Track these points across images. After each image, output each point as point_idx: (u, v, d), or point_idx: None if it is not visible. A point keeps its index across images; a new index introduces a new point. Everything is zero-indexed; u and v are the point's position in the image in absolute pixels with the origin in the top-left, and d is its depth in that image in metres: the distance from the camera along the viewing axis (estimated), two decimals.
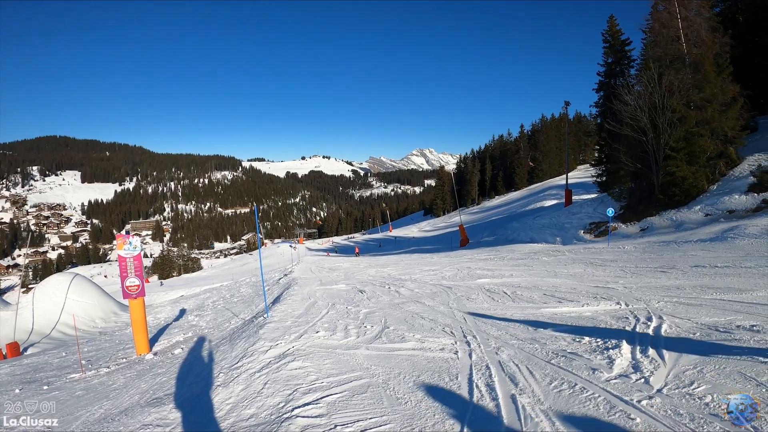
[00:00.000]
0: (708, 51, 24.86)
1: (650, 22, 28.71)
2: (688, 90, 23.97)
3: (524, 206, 61.00)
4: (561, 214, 35.52)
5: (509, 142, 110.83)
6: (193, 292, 25.72)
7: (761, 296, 8.02)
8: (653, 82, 24.20)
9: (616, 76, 35.44)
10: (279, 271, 30.37)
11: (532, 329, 7.46)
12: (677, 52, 25.96)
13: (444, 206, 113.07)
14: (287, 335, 8.20)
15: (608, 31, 37.22)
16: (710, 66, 24.03)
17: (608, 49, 37.18)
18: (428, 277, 16.91)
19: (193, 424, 5.20)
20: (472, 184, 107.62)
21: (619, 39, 36.86)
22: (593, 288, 10.80)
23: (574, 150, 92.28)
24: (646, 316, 7.36)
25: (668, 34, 26.36)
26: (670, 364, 5.22)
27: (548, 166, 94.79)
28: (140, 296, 10.59)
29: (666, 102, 23.68)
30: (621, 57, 36.68)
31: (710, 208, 21.78)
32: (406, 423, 4.30)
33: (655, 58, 26.04)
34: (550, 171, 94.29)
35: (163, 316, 16.88)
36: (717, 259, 13.03)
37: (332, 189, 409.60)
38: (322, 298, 13.16)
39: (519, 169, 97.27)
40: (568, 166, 48.00)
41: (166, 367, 8.40)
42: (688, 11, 26.35)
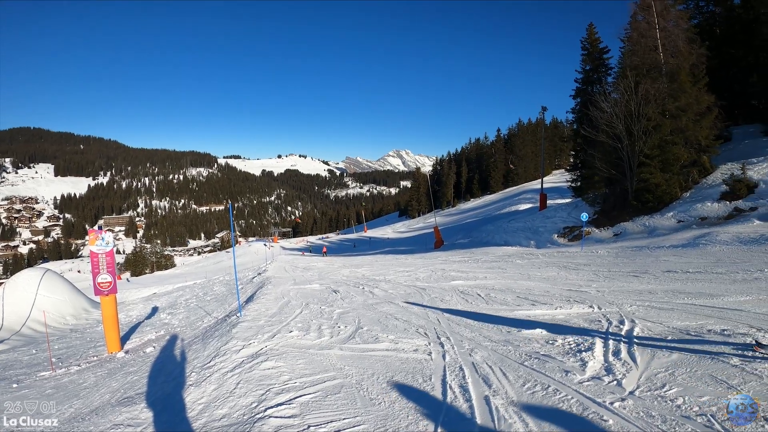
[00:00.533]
0: (684, 61, 25.27)
1: (629, 31, 29.13)
2: (664, 99, 24.35)
3: (499, 209, 61.41)
4: (535, 217, 35.80)
5: (486, 146, 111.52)
6: (165, 290, 25.37)
7: (732, 301, 8.16)
8: (630, 90, 24.52)
9: (594, 83, 35.86)
10: (253, 270, 30.20)
11: (505, 331, 7.50)
12: (654, 61, 26.34)
13: (419, 208, 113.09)
14: (260, 334, 8.14)
15: (587, 39, 37.64)
16: (686, 76, 24.43)
17: (586, 56, 37.61)
18: (402, 278, 16.95)
19: (164, 424, 5.12)
20: (447, 186, 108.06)
21: (598, 47, 37.29)
22: (566, 291, 10.91)
23: (549, 155, 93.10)
24: (619, 320, 7.45)
25: (646, 43, 26.75)
26: (642, 367, 5.28)
27: (524, 170, 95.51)
28: (112, 293, 10.42)
29: (642, 110, 24.01)
30: (599, 64, 37.12)
31: (683, 214, 22.12)
32: (379, 424, 4.28)
33: (633, 66, 26.40)
34: (526, 175, 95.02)
35: (135, 314, 16.64)
36: (689, 264, 13.23)
37: (308, 188, 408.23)
38: (295, 298, 13.09)
39: (495, 173, 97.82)
40: (543, 171, 48.48)
41: (137, 365, 8.28)
42: (667, 22, 26.77)
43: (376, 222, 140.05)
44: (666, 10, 26.88)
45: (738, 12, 31.27)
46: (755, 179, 21.40)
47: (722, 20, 32.89)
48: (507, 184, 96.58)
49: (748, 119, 31.90)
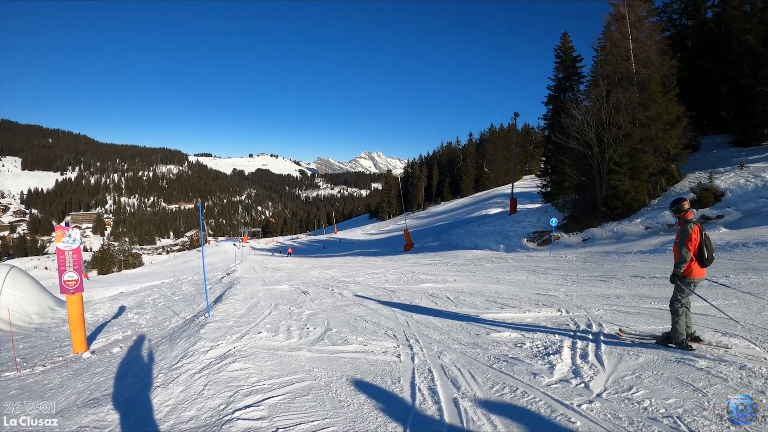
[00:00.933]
0: (656, 72, 25.74)
1: (602, 41, 29.53)
2: (635, 108, 24.74)
3: (470, 213, 61.63)
4: (505, 222, 36.06)
5: (457, 150, 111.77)
6: (133, 289, 25.01)
7: (697, 306, 8.31)
8: (601, 98, 24.88)
9: (566, 90, 36.31)
10: (222, 270, 29.91)
11: (474, 334, 7.55)
12: (626, 71, 26.77)
13: (390, 210, 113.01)
14: (229, 335, 8.05)
15: (561, 47, 38.07)
16: (657, 86, 24.88)
17: (560, 64, 38.04)
18: (372, 280, 16.96)
19: (131, 426, 5.03)
20: (418, 189, 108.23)
21: (571, 55, 37.76)
22: (535, 295, 11.02)
23: (520, 160, 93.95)
24: (587, 323, 7.56)
25: (619, 53, 27.17)
26: (609, 370, 5.37)
27: (495, 174, 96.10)
28: (78, 291, 10.21)
29: (612, 118, 24.37)
30: (572, 72, 37.58)
31: (651, 221, 22.47)
32: (348, 426, 4.27)
33: (605, 75, 26.80)
34: (497, 180, 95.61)
35: (101, 313, 16.35)
36: (656, 270, 13.44)
37: (279, 188, 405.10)
38: (264, 299, 13.01)
39: (466, 176, 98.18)
40: (514, 176, 48.74)
41: (103, 366, 8.12)
42: (640, 33, 27.23)
43: (346, 223, 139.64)
44: (639, 22, 27.35)
45: (710, 26, 32.04)
46: (722, 188, 21.86)
47: (694, 33, 33.68)
48: (478, 188, 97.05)
49: (716, 130, 32.66)
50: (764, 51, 25.15)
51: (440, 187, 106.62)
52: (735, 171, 23.03)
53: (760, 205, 19.83)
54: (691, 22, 34.29)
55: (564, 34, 38.34)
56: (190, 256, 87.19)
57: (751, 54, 25.98)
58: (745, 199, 20.71)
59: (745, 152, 26.53)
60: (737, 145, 28.85)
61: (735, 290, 8.65)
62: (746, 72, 26.13)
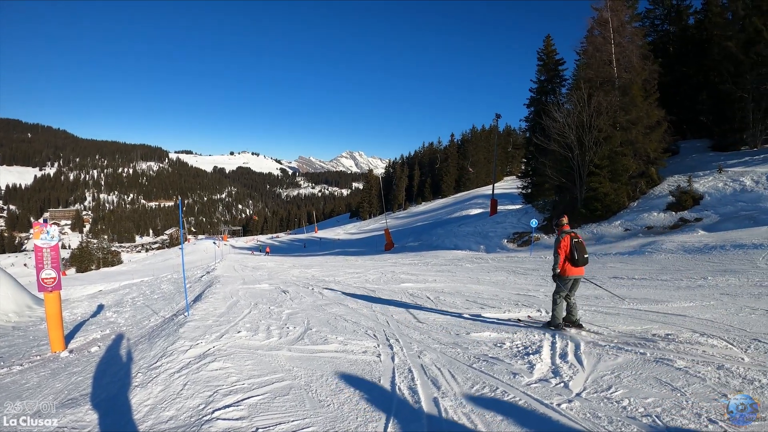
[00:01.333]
0: (637, 76, 26.03)
1: (585, 45, 29.82)
2: (616, 111, 25.01)
3: (450, 213, 61.83)
4: (486, 222, 36.25)
5: (439, 150, 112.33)
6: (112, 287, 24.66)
7: (676, 307, 8.43)
8: (583, 101, 25.09)
9: (548, 93, 36.56)
10: (201, 269, 29.69)
11: (454, 334, 7.58)
12: (608, 75, 27.02)
13: (371, 210, 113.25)
14: (208, 335, 7.98)
15: (544, 50, 38.37)
16: (638, 90, 25.16)
17: (542, 67, 38.32)
18: (352, 279, 16.96)
19: (110, 427, 4.95)
20: (399, 189, 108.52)
21: (554, 58, 38.07)
22: (515, 295, 11.11)
23: (501, 161, 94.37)
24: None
25: (601, 57, 27.42)
26: (588, 370, 5.41)
27: (476, 175, 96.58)
28: (56, 290, 10.06)
29: (593, 121, 24.60)
30: (554, 75, 37.88)
31: (630, 223, 22.72)
32: (328, 425, 4.25)
33: (587, 79, 27.04)
34: (477, 180, 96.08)
35: (79, 312, 16.11)
36: (635, 271, 13.61)
37: (259, 186, 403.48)
38: (244, 298, 12.93)
39: (447, 177, 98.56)
40: (495, 177, 48.94)
41: (82, 365, 8.00)
42: (622, 38, 27.50)
43: (327, 223, 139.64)
44: (622, 27, 27.63)
45: (692, 32, 32.60)
46: (701, 191, 22.15)
47: (676, 39, 34.21)
48: (458, 188, 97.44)
49: (696, 134, 33.20)
50: (744, 58, 25.60)
51: (421, 187, 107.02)
52: (714, 175, 23.34)
53: (738, 209, 20.13)
54: (673, 28, 34.83)
55: (547, 37, 38.65)
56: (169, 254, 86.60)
57: (731, 60, 26.44)
58: (723, 203, 21.01)
59: (723, 156, 26.96)
60: (716, 150, 29.35)
61: (613, 297, 8.75)
62: (726, 78, 26.61)
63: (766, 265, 12.02)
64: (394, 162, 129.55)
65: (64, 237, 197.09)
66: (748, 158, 25.40)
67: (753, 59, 25.60)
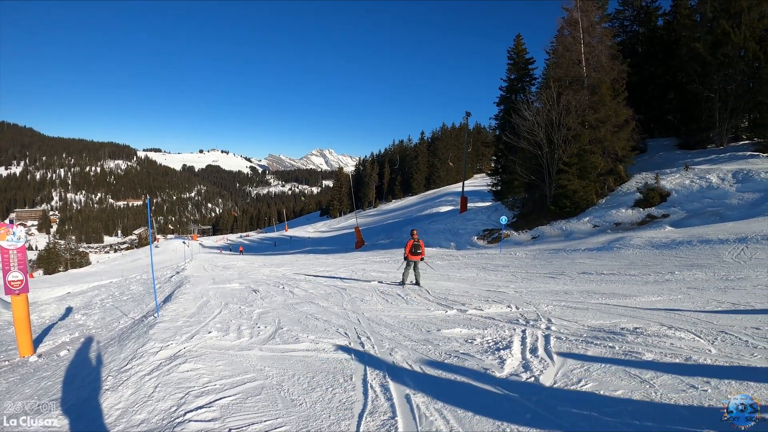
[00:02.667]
0: (606, 76, 26.46)
1: (555, 45, 30.19)
2: (585, 110, 25.36)
3: (421, 211, 62.10)
4: (456, 220, 36.50)
5: (409, 148, 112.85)
6: (80, 289, 24.25)
7: (644, 301, 8.59)
8: (552, 100, 25.42)
9: (518, 92, 36.87)
10: (171, 269, 29.41)
11: (425, 331, 7.62)
12: (577, 74, 27.40)
13: (341, 208, 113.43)
14: (178, 335, 7.90)
15: (514, 49, 38.67)
16: (607, 90, 25.56)
17: (512, 65, 38.63)
18: (323, 278, 16.98)
19: None
20: (370, 186, 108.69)
21: (524, 57, 38.41)
22: (485, 291, 11.20)
23: (471, 159, 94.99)
24: (536, 319, 7.72)
25: (571, 57, 27.79)
26: (558, 364, 5.48)
27: (445, 173, 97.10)
28: (24, 292, 9.85)
29: (562, 120, 24.95)
30: (524, 74, 38.22)
31: (598, 220, 23.07)
32: (301, 425, 4.24)
33: (556, 78, 27.38)
34: (447, 178, 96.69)
35: (48, 315, 15.80)
36: (603, 266, 13.83)
37: (229, 185, 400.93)
38: (215, 297, 12.85)
39: (417, 174, 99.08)
40: (465, 174, 49.26)
41: (51, 370, 7.85)
42: (592, 38, 27.90)
43: (297, 221, 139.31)
44: (592, 27, 28.03)
45: (660, 33, 33.20)
46: (668, 188, 22.59)
47: (645, 40, 34.84)
48: (428, 186, 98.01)
49: (663, 133, 33.89)
50: (712, 59, 26.16)
51: (391, 184, 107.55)
52: (680, 172, 23.82)
53: (704, 205, 20.58)
54: (642, 29, 35.47)
55: (517, 36, 38.96)
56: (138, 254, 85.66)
57: (698, 61, 27.00)
58: (690, 199, 21.45)
59: (690, 155, 27.52)
60: (683, 148, 29.95)
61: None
62: (693, 78, 27.20)
63: (732, 260, 12.30)
64: (364, 160, 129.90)
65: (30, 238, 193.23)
66: (714, 156, 25.96)
67: (720, 60, 26.16)
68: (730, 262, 12.17)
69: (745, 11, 25.71)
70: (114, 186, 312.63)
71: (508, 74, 38.97)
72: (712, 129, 28.28)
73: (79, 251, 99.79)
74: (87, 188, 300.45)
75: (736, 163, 23.66)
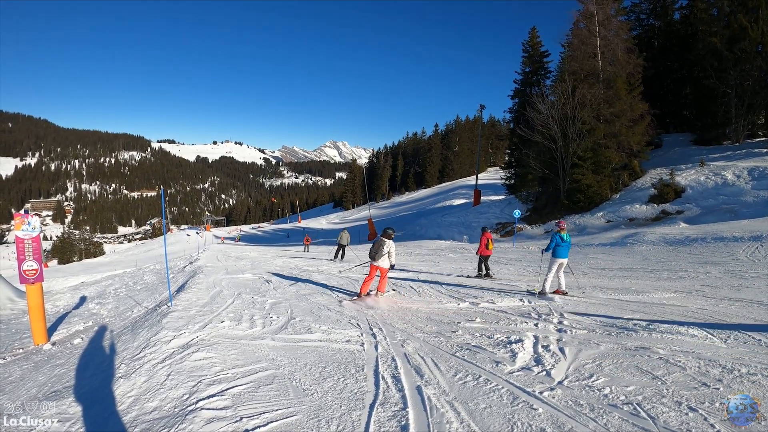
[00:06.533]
0: (622, 70, 26.20)
1: (570, 38, 29.94)
2: (600, 104, 25.17)
3: (434, 203, 61.92)
4: (469, 213, 36.42)
5: (422, 140, 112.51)
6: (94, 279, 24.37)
7: (657, 297, 8.53)
8: (567, 93, 25.25)
9: (532, 85, 36.61)
10: (184, 259, 29.54)
11: (437, 323, 7.61)
12: (593, 68, 27.17)
13: (354, 199, 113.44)
14: (191, 325, 7.93)
15: (529, 42, 38.46)
16: (622, 84, 25.34)
17: (527, 58, 38.44)
18: (336, 269, 16.97)
19: (94, 419, 4.88)
20: (383, 179, 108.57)
21: (539, 50, 38.20)
22: (498, 285, 11.19)
23: (485, 152, 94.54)
24: (548, 313, 7.69)
25: (586, 50, 27.55)
26: (570, 358, 5.46)
27: (459, 166, 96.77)
28: (38, 281, 9.92)
29: (577, 113, 24.78)
30: (539, 67, 38.02)
31: (612, 215, 22.93)
32: (312, 414, 4.25)
33: (571, 71, 27.17)
34: (461, 171, 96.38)
35: (62, 304, 15.91)
36: (616, 262, 13.76)
37: (243, 176, 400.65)
38: (227, 288, 12.90)
39: (430, 167, 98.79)
40: (478, 167, 49.18)
41: (65, 358, 7.90)
42: (608, 31, 27.64)
43: (310, 212, 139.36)
44: (607, 20, 27.75)
45: (676, 27, 32.77)
46: (683, 184, 22.39)
47: (661, 34, 34.41)
48: (442, 179, 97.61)
49: (678, 128, 33.52)
50: (728, 54, 25.83)
51: (405, 177, 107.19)
52: (696, 168, 23.61)
53: (719, 202, 20.39)
54: (659, 22, 35.02)
55: (532, 29, 38.77)
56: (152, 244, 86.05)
57: (715, 56, 26.67)
58: (705, 196, 21.26)
59: (706, 151, 27.22)
60: (698, 144, 29.66)
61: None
62: (710, 73, 26.85)
63: (747, 258, 12.19)
64: (377, 152, 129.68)
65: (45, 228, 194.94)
66: (730, 153, 25.68)
67: (737, 55, 25.86)
68: (744, 259, 12.07)
69: (763, 6, 25.38)
70: (128, 177, 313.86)
71: (523, 67, 38.83)
72: (728, 125, 28.02)
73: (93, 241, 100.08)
74: (101, 179, 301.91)
75: (752, 160, 23.42)
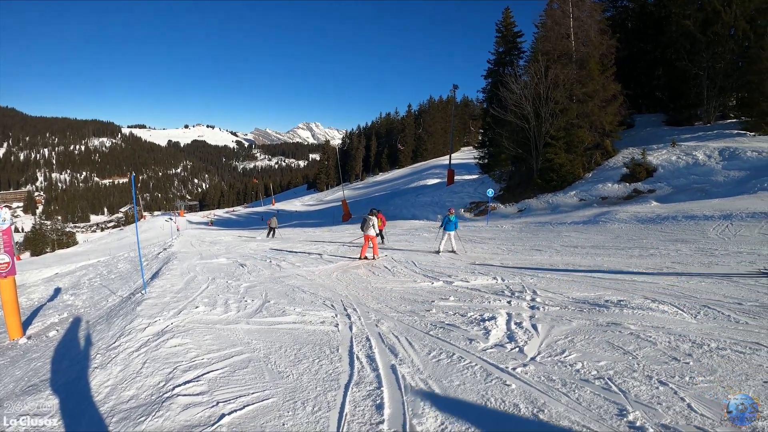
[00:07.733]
0: (595, 51, 26.32)
1: (544, 18, 29.89)
2: (572, 84, 25.27)
3: (408, 184, 61.85)
4: (443, 192, 36.52)
5: (396, 120, 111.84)
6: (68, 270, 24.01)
7: (628, 275, 8.67)
8: (540, 74, 25.31)
9: (506, 65, 36.51)
10: (158, 245, 29.29)
11: (411, 302, 7.70)
12: (566, 48, 27.24)
13: (328, 181, 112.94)
14: (166, 311, 7.92)
15: (502, 22, 38.34)
16: (595, 64, 25.46)
17: (500, 38, 38.32)
18: (311, 250, 17.10)
19: (71, 411, 4.85)
20: (356, 159, 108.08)
21: (512, 30, 38.09)
22: (471, 264, 11.26)
23: (459, 132, 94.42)
24: (521, 291, 7.80)
25: (559, 30, 27.59)
26: (543, 335, 5.55)
27: (433, 146, 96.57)
28: (11, 275, 9.78)
29: (550, 93, 24.88)
30: (512, 47, 37.94)
31: (585, 194, 23.15)
32: (288, 396, 4.29)
33: (545, 51, 27.20)
34: (435, 151, 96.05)
35: (36, 296, 15.72)
36: (589, 240, 13.93)
37: (215, 160, 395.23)
38: (202, 273, 12.89)
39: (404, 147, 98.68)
40: (452, 147, 49.11)
41: (41, 351, 7.83)
42: (581, 12, 27.71)
43: (284, 195, 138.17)
44: (581, 1, 27.82)
45: (650, 9, 32.94)
46: (654, 164, 22.67)
47: (634, 15, 34.58)
48: (416, 159, 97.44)
49: (651, 108, 33.88)
50: (701, 36, 26.14)
51: (378, 157, 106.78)
52: (667, 148, 23.90)
53: (690, 181, 20.69)
54: (632, 4, 35.15)
55: (506, 9, 38.59)
56: (125, 232, 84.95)
57: (688, 38, 26.97)
58: (676, 175, 21.56)
59: (677, 131, 27.55)
60: (670, 124, 30.03)
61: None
62: (682, 55, 27.17)
63: (717, 236, 12.40)
64: (351, 133, 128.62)
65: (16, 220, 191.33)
66: (701, 133, 26.03)
67: (710, 38, 26.12)
68: (714, 238, 12.28)
69: None
70: (99, 164, 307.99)
71: (496, 47, 38.68)
72: (699, 106, 28.36)
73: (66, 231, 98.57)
74: (72, 167, 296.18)
75: (723, 140, 23.74)
